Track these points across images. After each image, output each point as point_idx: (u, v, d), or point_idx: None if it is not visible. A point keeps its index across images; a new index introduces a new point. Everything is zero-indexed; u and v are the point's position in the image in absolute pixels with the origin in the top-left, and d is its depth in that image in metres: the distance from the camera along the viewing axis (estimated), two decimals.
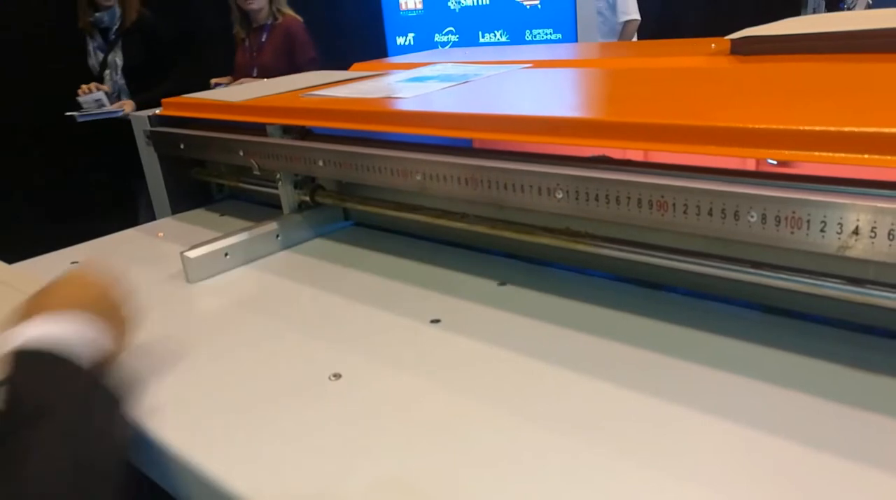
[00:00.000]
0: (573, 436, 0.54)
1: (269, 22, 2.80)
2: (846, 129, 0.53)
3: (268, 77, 1.46)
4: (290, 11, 2.82)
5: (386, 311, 0.78)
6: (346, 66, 1.43)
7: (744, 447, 0.51)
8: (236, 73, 2.86)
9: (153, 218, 1.28)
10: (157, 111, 1.24)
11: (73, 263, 1.05)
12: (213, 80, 2.78)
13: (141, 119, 1.24)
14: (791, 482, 0.47)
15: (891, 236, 0.51)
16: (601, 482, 0.49)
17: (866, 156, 0.52)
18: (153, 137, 1.23)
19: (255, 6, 2.74)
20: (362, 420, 0.59)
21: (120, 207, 2.67)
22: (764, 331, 0.65)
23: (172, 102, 1.24)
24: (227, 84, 2.69)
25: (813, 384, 0.57)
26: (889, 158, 0.51)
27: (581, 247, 0.76)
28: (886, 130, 0.52)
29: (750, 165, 0.83)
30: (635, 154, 0.71)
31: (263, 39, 2.79)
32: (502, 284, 0.82)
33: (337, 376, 0.66)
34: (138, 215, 2.61)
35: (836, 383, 0.57)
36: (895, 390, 0.55)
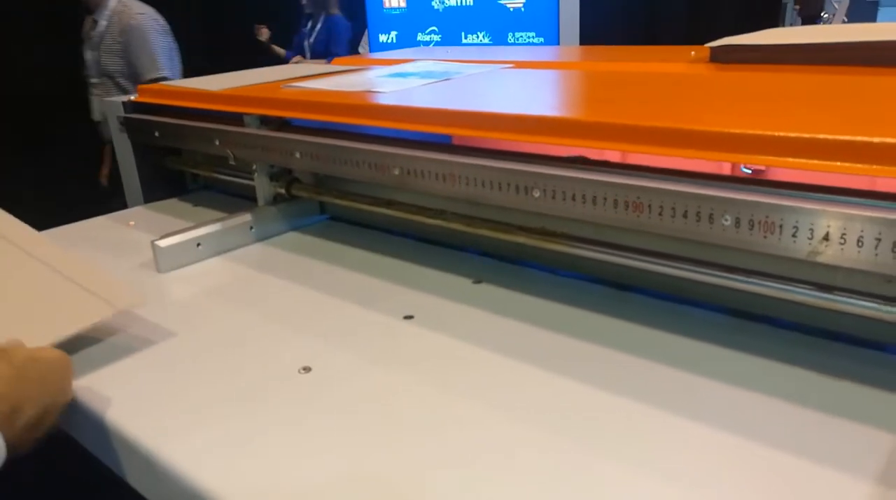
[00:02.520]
0: (542, 432, 0.54)
1: None
2: (819, 136, 0.54)
3: None
4: None
5: (359, 305, 0.78)
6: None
7: (708, 447, 0.51)
8: None
9: None
10: (133, 97, 1.22)
11: None
12: None
13: (115, 105, 1.22)
14: (751, 480, 0.47)
15: (860, 243, 0.52)
16: (569, 477, 0.49)
17: (838, 163, 0.53)
18: (127, 124, 1.21)
19: None
20: (331, 414, 0.58)
21: None
22: (733, 335, 0.66)
23: (148, 88, 1.22)
24: None
25: (778, 388, 0.57)
26: (860, 166, 0.52)
27: (556, 247, 0.76)
28: (858, 138, 0.52)
29: (725, 170, 0.84)
30: (612, 155, 0.72)
31: None
32: (477, 281, 0.82)
33: (307, 369, 0.65)
34: None
35: (801, 388, 0.57)
36: (859, 395, 0.56)
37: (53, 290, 0.73)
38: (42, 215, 0.97)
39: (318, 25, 3.64)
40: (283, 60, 3.77)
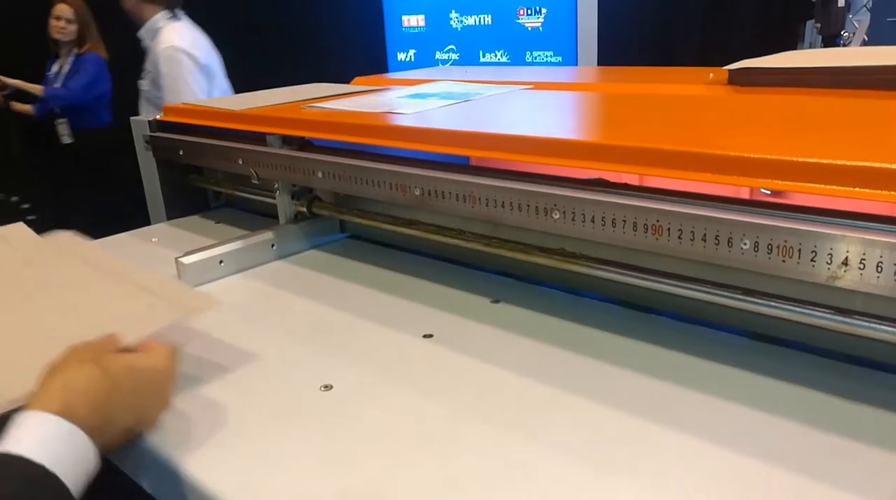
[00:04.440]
0: (559, 452, 0.54)
1: None
2: (839, 162, 0.55)
3: None
4: None
5: (379, 324, 0.79)
6: (347, 80, 1.44)
7: (727, 470, 0.51)
8: None
9: None
10: (158, 117, 1.25)
11: None
12: None
13: (141, 124, 1.25)
14: None
15: (879, 268, 0.52)
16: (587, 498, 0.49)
17: (857, 189, 0.54)
18: (152, 142, 1.24)
19: None
20: (351, 431, 0.59)
21: None
22: (751, 357, 0.66)
23: (173, 108, 1.24)
24: None
25: (796, 411, 0.57)
26: (879, 191, 0.53)
27: (575, 268, 0.77)
28: (877, 164, 0.53)
29: (744, 194, 0.84)
30: (631, 178, 0.72)
31: None
32: (496, 301, 0.83)
33: (328, 387, 0.66)
34: None
35: (819, 412, 0.57)
36: (875, 419, 0.56)
37: (126, 298, 0.75)
38: None
39: (66, 67, 2.74)
40: (31, 116, 2.82)
